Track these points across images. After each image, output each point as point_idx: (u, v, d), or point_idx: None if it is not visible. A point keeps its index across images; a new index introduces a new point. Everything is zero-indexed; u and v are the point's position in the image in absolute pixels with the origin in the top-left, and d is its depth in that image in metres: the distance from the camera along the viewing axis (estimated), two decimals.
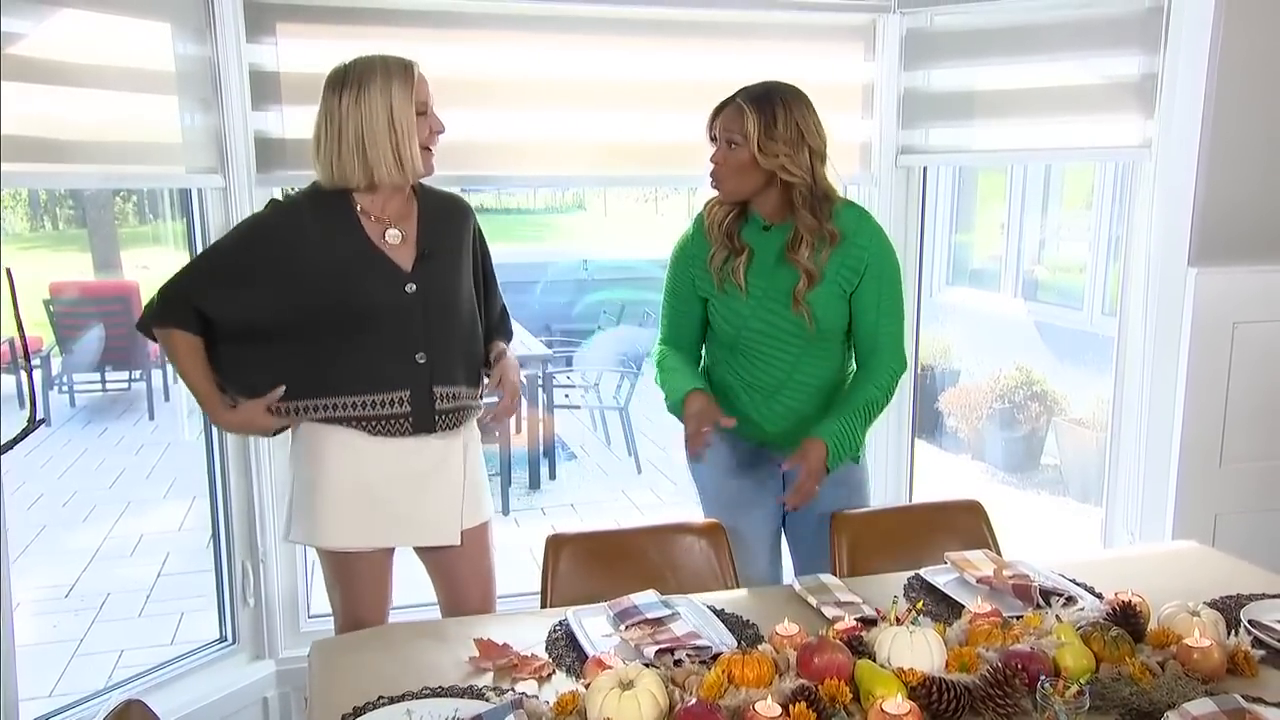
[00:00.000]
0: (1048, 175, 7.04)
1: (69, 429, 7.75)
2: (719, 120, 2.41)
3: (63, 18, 2.58)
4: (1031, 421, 6.07)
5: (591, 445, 7.11)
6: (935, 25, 3.25)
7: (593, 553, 2.38)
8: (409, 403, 2.32)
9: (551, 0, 3.05)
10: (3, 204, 17.33)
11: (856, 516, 2.53)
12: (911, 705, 1.60)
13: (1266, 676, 1.80)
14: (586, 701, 1.64)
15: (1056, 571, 2.19)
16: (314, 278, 2.29)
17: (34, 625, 4.47)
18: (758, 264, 2.45)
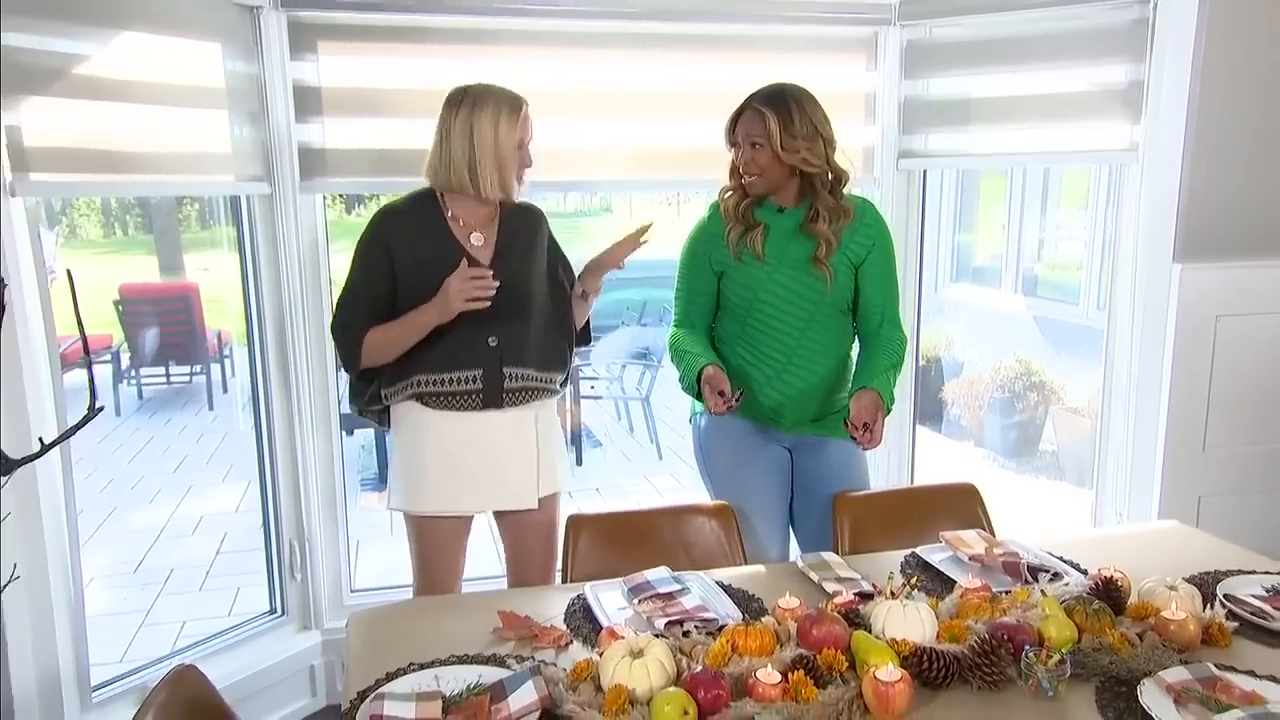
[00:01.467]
0: (1046, 178, 6.98)
1: (137, 419, 7.82)
2: (739, 126, 2.46)
3: (123, 39, 2.61)
4: (1030, 410, 6.03)
5: (616, 433, 7.10)
6: (934, 36, 3.24)
7: (610, 532, 2.38)
8: (481, 380, 2.42)
9: (575, 18, 3.06)
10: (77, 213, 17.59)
11: (858, 498, 2.52)
12: (903, 673, 1.60)
13: (1240, 647, 1.79)
14: (600, 669, 1.65)
15: (1045, 550, 2.18)
16: (404, 272, 2.42)
17: (106, 597, 4.52)
18: (774, 237, 2.50)
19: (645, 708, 1.56)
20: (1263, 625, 1.84)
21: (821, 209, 2.46)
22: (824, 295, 2.47)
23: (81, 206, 17.43)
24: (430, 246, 2.42)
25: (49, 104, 2.46)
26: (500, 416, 2.46)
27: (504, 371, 2.43)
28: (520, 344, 2.46)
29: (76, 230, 17.34)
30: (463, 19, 2.98)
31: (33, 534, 2.49)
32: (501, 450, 2.48)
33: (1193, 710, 1.53)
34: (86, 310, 6.70)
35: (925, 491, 2.68)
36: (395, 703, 1.59)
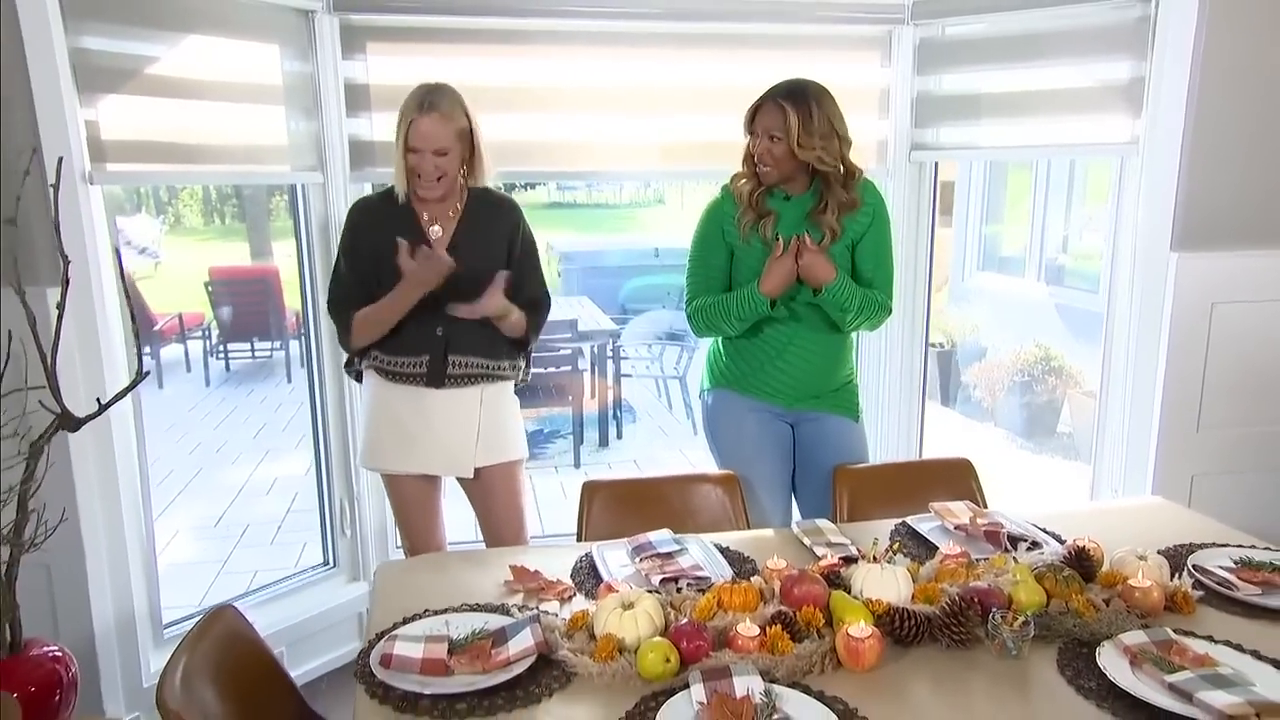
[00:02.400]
0: (1071, 172, 6.83)
1: (224, 389, 7.99)
2: (759, 117, 2.43)
3: (190, 41, 2.66)
4: (1049, 393, 5.93)
5: (654, 409, 7.10)
6: (946, 35, 3.19)
7: (622, 497, 2.40)
8: (426, 366, 2.45)
9: (603, 19, 3.05)
10: (181, 204, 18.00)
11: (856, 470, 2.51)
12: (874, 630, 1.61)
13: (1204, 614, 1.77)
14: (594, 619, 1.67)
15: (1029, 521, 2.15)
16: (369, 258, 2.43)
17: (190, 548, 4.65)
18: (783, 224, 2.48)
19: (632, 655, 1.58)
20: (1227, 595, 1.81)
21: (831, 201, 2.44)
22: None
23: (185, 198, 17.84)
24: (392, 233, 2.37)
25: (123, 101, 2.54)
26: (443, 394, 2.47)
27: (448, 359, 2.44)
28: (464, 335, 2.43)
29: (181, 219, 17.77)
30: (500, 20, 2.98)
31: (109, 487, 2.56)
32: (442, 423, 2.49)
33: (1147, 670, 1.52)
34: (187, 291, 6.92)
35: (922, 465, 2.67)
36: (405, 643, 1.63)
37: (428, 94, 2.35)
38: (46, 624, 2.48)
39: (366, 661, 1.60)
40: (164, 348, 8.36)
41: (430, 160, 2.33)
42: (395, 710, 1.49)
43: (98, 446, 2.52)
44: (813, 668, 1.58)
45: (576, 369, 5.77)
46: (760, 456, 2.59)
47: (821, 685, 1.53)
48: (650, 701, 1.48)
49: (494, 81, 3.02)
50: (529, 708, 1.49)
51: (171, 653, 1.59)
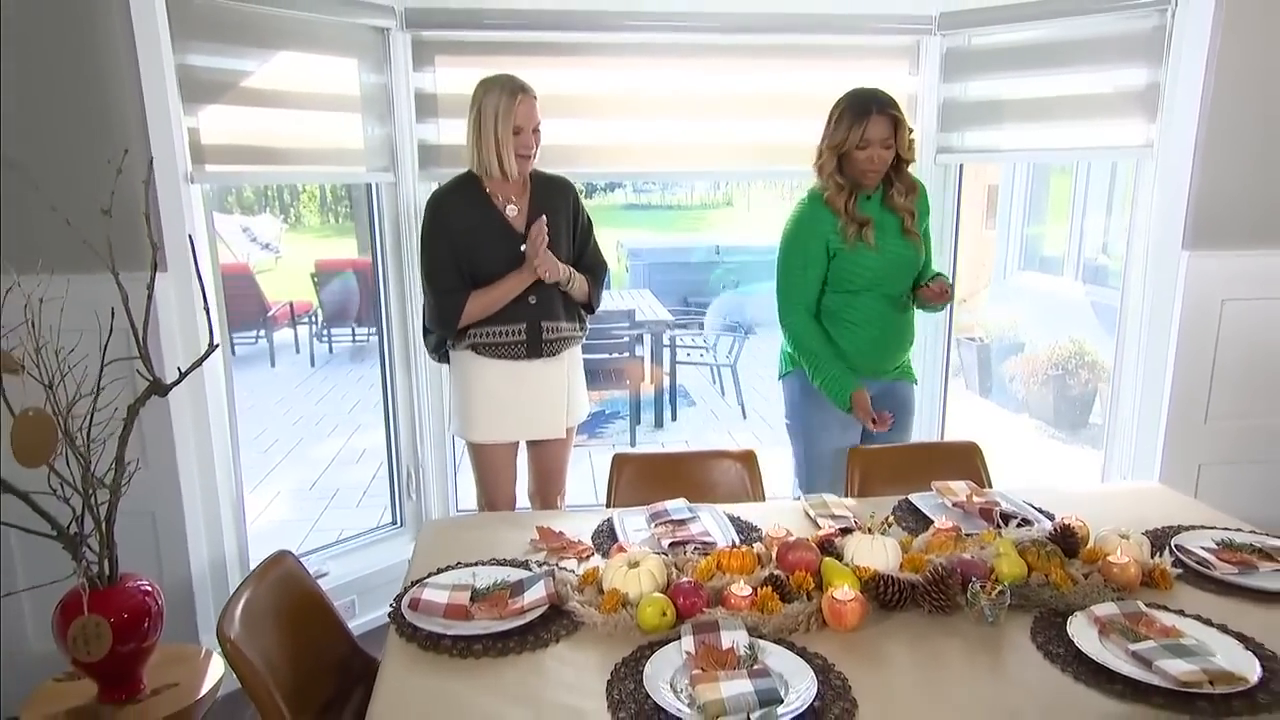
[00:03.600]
0: (1112, 177, 6.59)
1: (326, 369, 8.18)
2: (870, 129, 2.41)
3: (280, 57, 2.75)
4: (1081, 387, 5.74)
5: (708, 394, 7.07)
6: (971, 44, 3.11)
7: (649, 470, 2.40)
8: (524, 333, 2.51)
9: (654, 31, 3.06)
10: (301, 205, 18.50)
11: (869, 450, 2.48)
12: (857, 594, 1.60)
13: (1181, 591, 1.72)
14: (603, 575, 1.70)
15: (1028, 502, 2.11)
16: (458, 240, 2.49)
17: (288, 508, 4.77)
18: (880, 227, 2.53)
19: (634, 608, 1.60)
20: (1204, 573, 1.75)
21: (901, 185, 2.51)
22: (918, 258, 2.55)
23: (304, 199, 18.36)
24: (476, 216, 2.49)
25: (220, 110, 2.63)
26: (539, 363, 2.54)
27: (542, 325, 2.51)
28: (553, 301, 2.53)
29: (301, 218, 18.30)
30: (557, 34, 3.02)
31: (204, 448, 2.66)
32: (538, 391, 2.58)
33: (1113, 639, 1.49)
34: (303, 281, 7.07)
35: (932, 447, 2.62)
36: (434, 590, 1.68)
37: (517, 81, 2.44)
38: (151, 564, 2.58)
39: (399, 605, 1.65)
40: (276, 331, 8.63)
41: (531, 136, 2.44)
42: (420, 648, 1.53)
43: (195, 412, 2.63)
44: (798, 626, 1.58)
45: (634, 355, 5.79)
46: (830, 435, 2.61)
47: (805, 642, 1.53)
48: (645, 650, 1.49)
49: (556, 89, 3.03)
50: (536, 651, 1.52)
51: (233, 593, 1.66)
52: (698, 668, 1.41)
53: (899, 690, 1.42)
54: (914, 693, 1.41)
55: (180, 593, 2.63)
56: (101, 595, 1.72)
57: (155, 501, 2.55)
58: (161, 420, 2.53)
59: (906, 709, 1.37)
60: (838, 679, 1.42)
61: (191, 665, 1.93)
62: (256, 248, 12.46)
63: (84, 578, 1.72)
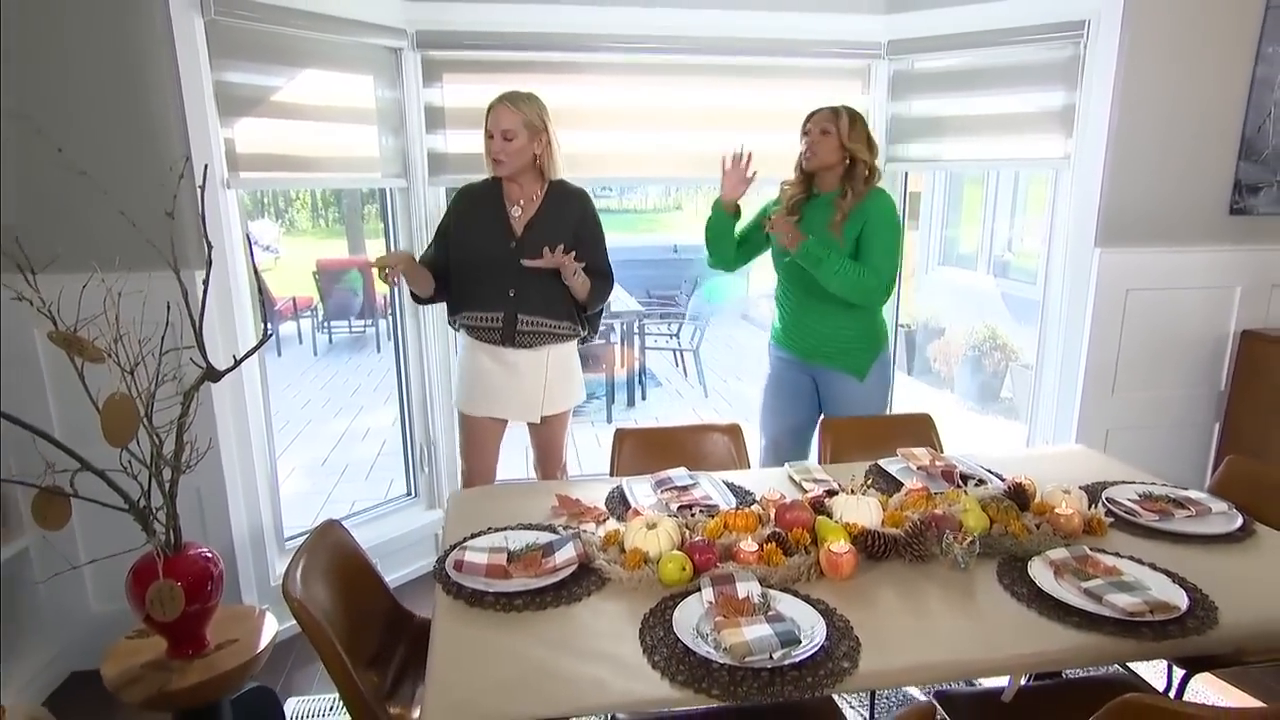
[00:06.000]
0: (1015, 186, 6.73)
1: (328, 358, 8.03)
2: (814, 119, 2.50)
3: (305, 74, 2.68)
4: (994, 366, 5.87)
5: (673, 376, 7.07)
6: (915, 68, 3.14)
7: (647, 442, 2.39)
8: (501, 321, 2.45)
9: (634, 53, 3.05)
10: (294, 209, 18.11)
11: (839, 421, 2.50)
12: (850, 547, 1.62)
13: (1113, 536, 1.78)
14: (624, 537, 1.69)
15: (978, 463, 2.15)
16: (461, 229, 2.47)
17: (303, 482, 4.70)
18: (805, 222, 2.54)
19: (655, 565, 1.60)
20: (1132, 520, 1.82)
21: (850, 188, 2.48)
22: (838, 250, 2.48)
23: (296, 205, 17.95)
24: (483, 208, 2.46)
25: (252, 122, 2.56)
26: (519, 352, 2.48)
27: (518, 317, 2.45)
28: (532, 297, 2.44)
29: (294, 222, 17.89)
30: (553, 54, 2.99)
31: (242, 428, 2.61)
32: (517, 377, 2.51)
33: (1067, 579, 1.53)
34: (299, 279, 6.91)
35: (892, 419, 2.64)
36: (474, 553, 1.66)
37: (509, 92, 2.40)
38: (198, 533, 2.53)
39: (443, 567, 1.63)
40: (281, 324, 8.43)
41: (498, 141, 2.35)
42: (466, 604, 1.52)
43: (234, 396, 2.57)
44: (800, 576, 1.59)
45: (609, 342, 5.78)
46: (781, 404, 2.67)
47: (807, 590, 1.54)
48: (669, 602, 1.50)
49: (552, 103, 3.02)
50: (571, 605, 1.52)
51: (291, 558, 1.63)
52: (720, 615, 1.42)
53: (892, 628, 1.44)
54: (905, 629, 1.44)
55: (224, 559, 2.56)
56: (171, 562, 1.68)
57: (201, 478, 2.48)
58: (205, 405, 2.47)
59: (901, 643, 1.39)
60: (841, 621, 1.44)
61: (248, 623, 1.89)
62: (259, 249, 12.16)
63: (156, 546, 1.67)
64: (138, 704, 1.68)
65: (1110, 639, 1.38)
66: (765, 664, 1.29)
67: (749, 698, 1.25)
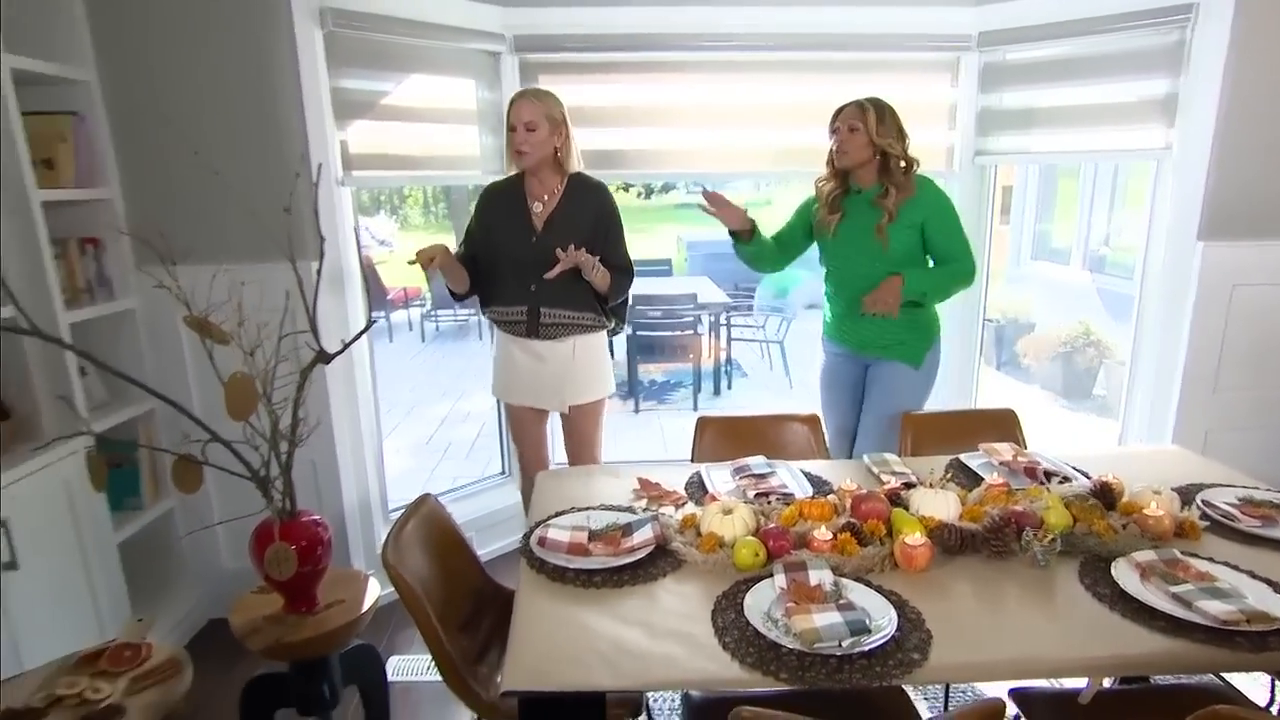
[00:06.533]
0: (1114, 179, 6.33)
1: (434, 345, 8.31)
2: (841, 116, 2.40)
3: (412, 79, 2.76)
4: (1087, 362, 5.56)
5: (758, 368, 6.99)
6: (1006, 60, 2.99)
7: (728, 430, 2.37)
8: (524, 315, 2.44)
9: (722, 51, 3.00)
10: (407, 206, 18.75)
11: (920, 415, 2.41)
12: (926, 540, 1.57)
13: (1208, 541, 1.65)
14: (701, 521, 1.69)
15: (1064, 461, 2.03)
16: (484, 228, 2.47)
17: (408, 460, 4.88)
18: (848, 219, 2.44)
19: (729, 549, 1.59)
20: (1230, 525, 1.68)
21: (891, 186, 2.36)
22: (882, 254, 2.38)
23: (409, 201, 18.57)
24: (505, 206, 2.43)
25: (364, 124, 2.66)
26: (544, 343, 2.46)
27: (540, 311, 2.42)
28: (552, 290, 2.39)
29: (408, 218, 18.52)
30: (640, 55, 2.98)
31: (352, 407, 2.72)
32: (543, 367, 2.47)
33: (1153, 582, 1.43)
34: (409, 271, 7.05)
35: (975, 414, 2.52)
36: (557, 530, 1.68)
37: (529, 88, 2.40)
38: (313, 501, 2.67)
39: (528, 543, 1.66)
40: (393, 313, 8.77)
41: (521, 132, 2.32)
42: (548, 579, 1.54)
43: (345, 378, 2.68)
44: (874, 567, 1.55)
45: (696, 333, 5.75)
46: (834, 392, 2.59)
47: (880, 581, 1.50)
48: (742, 585, 1.48)
49: (635, 101, 3.03)
50: (648, 584, 1.52)
51: (390, 528, 1.69)
52: (791, 601, 1.40)
53: (966, 622, 1.38)
54: (979, 624, 1.38)
55: (334, 526, 2.68)
56: (286, 526, 1.77)
57: (315, 451, 2.61)
58: (319, 385, 2.59)
59: (974, 637, 1.34)
60: (913, 613, 1.39)
61: (353, 586, 1.97)
62: (375, 243, 12.66)
63: (274, 512, 1.76)
64: (259, 652, 1.78)
65: (1200, 647, 1.29)
66: (834, 651, 1.26)
67: (816, 682, 1.22)
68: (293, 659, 1.86)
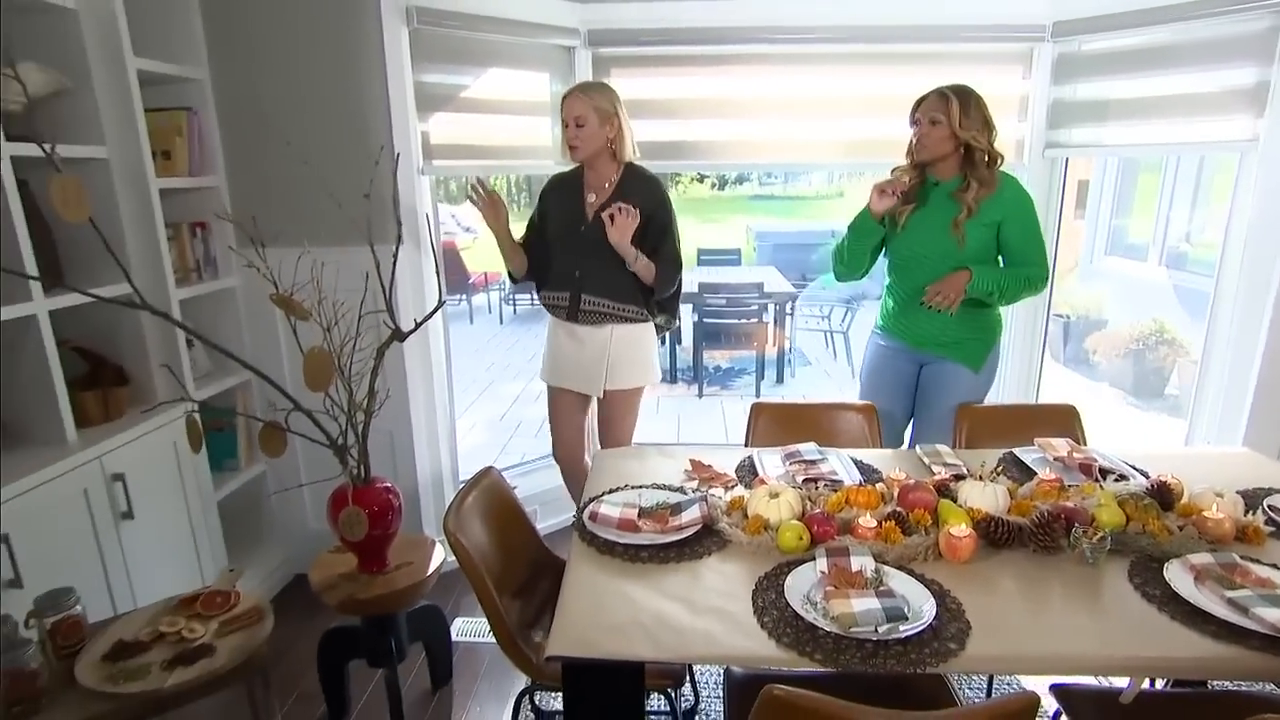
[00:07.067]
0: (1198, 174, 5.94)
1: (511, 326, 8.44)
2: (923, 107, 2.26)
3: (490, 73, 2.79)
4: (1159, 361, 5.26)
5: (822, 356, 6.85)
6: (1082, 50, 2.82)
7: (782, 416, 2.34)
8: (567, 300, 2.44)
9: (796, 43, 2.92)
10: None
11: (976, 408, 2.33)
12: (971, 532, 1.52)
13: (1274, 547, 1.53)
14: (748, 503, 1.67)
15: (1123, 459, 1.93)
16: (542, 215, 2.48)
17: (482, 435, 4.97)
18: (921, 210, 2.31)
19: (774, 532, 1.57)
20: None
21: (974, 180, 2.23)
22: (956, 250, 2.26)
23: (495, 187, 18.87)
24: (563, 196, 2.44)
25: (444, 116, 2.70)
26: (585, 328, 2.45)
27: (581, 297, 2.41)
28: (595, 278, 2.39)
29: None
30: (711, 48, 2.93)
31: (426, 383, 2.79)
32: (581, 352, 2.47)
33: (1209, 586, 1.35)
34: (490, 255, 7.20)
35: (1033, 408, 2.42)
36: (609, 506, 1.69)
37: (580, 83, 2.39)
38: (388, 469, 2.76)
39: (581, 517, 1.68)
40: (474, 296, 8.95)
41: (572, 128, 2.32)
42: (598, 552, 1.55)
43: (421, 355, 2.75)
44: (917, 556, 1.51)
45: (761, 321, 5.69)
46: (881, 387, 2.47)
47: (923, 570, 1.46)
48: (784, 568, 1.46)
49: (707, 94, 2.99)
50: (693, 562, 1.52)
51: (453, 498, 1.73)
52: (831, 585, 1.37)
53: (1007, 615, 1.33)
54: (1021, 618, 1.32)
55: (408, 494, 2.78)
56: (360, 492, 1.83)
57: (392, 423, 2.70)
58: (396, 361, 2.67)
59: (1015, 631, 1.29)
60: (953, 603, 1.35)
61: (421, 550, 2.03)
62: (461, 230, 12.92)
63: (349, 478, 1.83)
64: (333, 606, 1.85)
65: (1255, 654, 1.20)
66: (870, 636, 1.23)
67: (850, 665, 1.20)
68: (364, 614, 1.94)
